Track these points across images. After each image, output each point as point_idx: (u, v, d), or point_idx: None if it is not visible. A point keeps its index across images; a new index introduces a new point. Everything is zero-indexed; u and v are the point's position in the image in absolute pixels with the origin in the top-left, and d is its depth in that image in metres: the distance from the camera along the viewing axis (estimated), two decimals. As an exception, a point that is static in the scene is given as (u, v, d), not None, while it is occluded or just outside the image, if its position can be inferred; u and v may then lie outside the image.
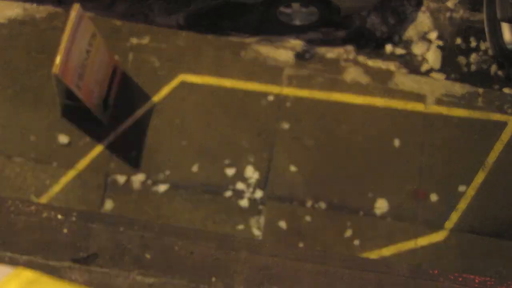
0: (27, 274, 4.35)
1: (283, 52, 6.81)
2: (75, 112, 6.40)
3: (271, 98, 6.63)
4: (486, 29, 6.81)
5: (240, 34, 6.93)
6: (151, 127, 6.49)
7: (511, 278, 6.30)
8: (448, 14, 7.22)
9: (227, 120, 6.54)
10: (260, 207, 6.35)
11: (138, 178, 6.32)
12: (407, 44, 7.10)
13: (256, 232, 6.26)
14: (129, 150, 6.41)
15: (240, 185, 6.36)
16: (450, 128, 6.70)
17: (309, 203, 6.39)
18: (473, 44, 7.15)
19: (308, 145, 6.53)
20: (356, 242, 6.31)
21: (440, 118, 6.72)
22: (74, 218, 5.80)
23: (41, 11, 6.77)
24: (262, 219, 6.32)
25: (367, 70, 6.85)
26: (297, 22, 6.80)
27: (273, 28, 6.97)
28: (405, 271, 5.87)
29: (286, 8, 6.53)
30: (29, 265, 5.65)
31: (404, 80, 6.83)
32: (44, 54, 6.59)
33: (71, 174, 6.31)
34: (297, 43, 6.91)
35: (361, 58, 6.95)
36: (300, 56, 6.81)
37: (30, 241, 5.70)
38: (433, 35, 7.11)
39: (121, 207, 6.25)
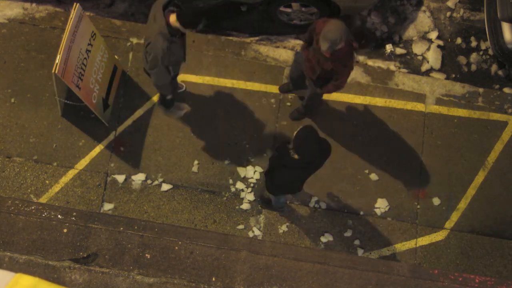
0: (26, 280, 4.34)
1: (283, 52, 6.80)
2: (75, 112, 6.40)
3: (271, 98, 6.62)
4: (487, 29, 6.80)
5: (240, 34, 6.93)
6: (151, 127, 6.48)
7: (511, 278, 6.29)
8: (448, 14, 7.21)
9: (227, 120, 6.54)
10: (260, 207, 6.35)
11: (138, 178, 6.32)
12: (407, 43, 7.10)
13: (256, 232, 6.26)
14: (129, 150, 6.41)
15: (240, 185, 6.36)
16: (450, 128, 6.70)
17: (309, 203, 6.38)
18: (474, 43, 7.14)
19: (308, 145, 6.52)
20: (356, 242, 6.31)
21: (440, 118, 6.72)
22: (74, 218, 5.79)
23: (40, 10, 6.77)
24: (262, 219, 6.32)
25: (367, 70, 6.84)
26: (297, 22, 6.80)
27: (273, 28, 6.96)
28: (405, 271, 5.86)
29: (286, 7, 6.52)
30: (29, 265, 5.64)
31: (404, 80, 6.82)
32: (44, 54, 6.58)
33: (71, 174, 6.31)
34: (297, 43, 6.90)
35: (361, 58, 6.95)
36: (300, 56, 6.80)
37: (29, 241, 5.70)
38: (433, 35, 7.10)
39: (121, 207, 6.25)
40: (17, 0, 6.77)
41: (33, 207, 5.85)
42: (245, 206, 6.31)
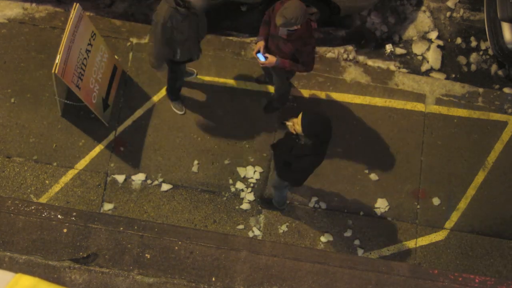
0: (26, 280, 4.33)
1: (283, 52, 6.79)
2: (75, 112, 6.40)
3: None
4: (487, 29, 6.81)
5: (240, 34, 6.93)
6: (151, 126, 6.49)
7: (511, 278, 6.30)
8: (448, 14, 7.21)
9: (227, 120, 6.54)
10: (260, 207, 6.34)
11: (138, 178, 6.32)
12: (407, 43, 7.10)
13: (256, 232, 6.26)
14: (129, 150, 6.41)
15: (240, 185, 6.36)
16: (450, 128, 6.70)
17: (309, 203, 6.38)
18: (473, 43, 7.15)
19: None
20: (356, 242, 6.31)
21: (440, 118, 6.72)
22: (74, 218, 5.80)
23: (40, 10, 6.77)
24: (262, 219, 6.32)
25: (367, 70, 6.85)
26: (297, 22, 6.79)
27: (273, 28, 6.95)
28: (405, 271, 5.87)
29: (286, 7, 6.51)
30: (29, 265, 5.65)
31: (404, 80, 6.82)
32: (44, 54, 6.59)
33: (71, 174, 6.31)
34: (297, 43, 6.90)
35: (361, 58, 6.95)
36: (300, 56, 6.79)
37: (29, 241, 5.70)
38: (433, 35, 7.10)
39: (121, 207, 6.25)
40: (17, 0, 6.77)
41: (33, 207, 5.86)
42: (245, 206, 6.32)
